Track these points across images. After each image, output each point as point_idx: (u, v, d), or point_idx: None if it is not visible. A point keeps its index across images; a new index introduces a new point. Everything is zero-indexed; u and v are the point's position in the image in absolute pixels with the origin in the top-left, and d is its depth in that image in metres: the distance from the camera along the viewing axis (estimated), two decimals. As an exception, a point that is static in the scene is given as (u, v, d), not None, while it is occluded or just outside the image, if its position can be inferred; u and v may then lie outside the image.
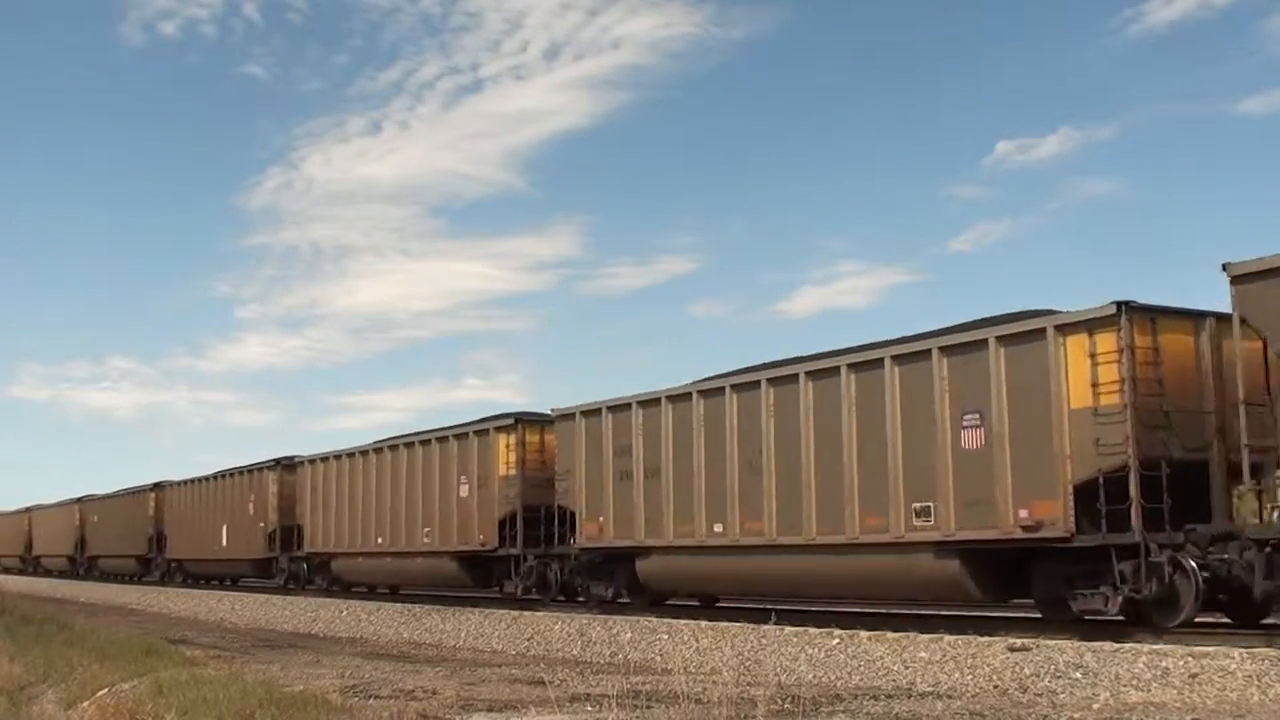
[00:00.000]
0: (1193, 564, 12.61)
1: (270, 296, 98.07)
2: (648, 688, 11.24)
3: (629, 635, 16.59)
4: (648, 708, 9.72)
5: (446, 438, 25.03)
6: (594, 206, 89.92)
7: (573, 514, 21.16)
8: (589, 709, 10.04)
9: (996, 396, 14.17)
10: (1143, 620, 13.27)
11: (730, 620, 16.82)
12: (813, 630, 14.78)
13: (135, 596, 37.43)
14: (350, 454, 28.99)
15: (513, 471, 22.79)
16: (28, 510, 59.62)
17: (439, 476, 25.14)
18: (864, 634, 14.08)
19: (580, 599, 21.51)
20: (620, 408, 20.12)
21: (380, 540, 27.10)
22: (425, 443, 25.84)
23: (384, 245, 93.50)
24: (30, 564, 58.30)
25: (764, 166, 79.56)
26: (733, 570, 18.41)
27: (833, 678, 12.70)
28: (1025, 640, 12.51)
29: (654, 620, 17.44)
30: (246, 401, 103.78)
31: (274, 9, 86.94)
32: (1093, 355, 13.28)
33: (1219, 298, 12.50)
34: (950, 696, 10.86)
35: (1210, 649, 11.05)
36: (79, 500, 50.63)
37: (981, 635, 13.32)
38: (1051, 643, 12.20)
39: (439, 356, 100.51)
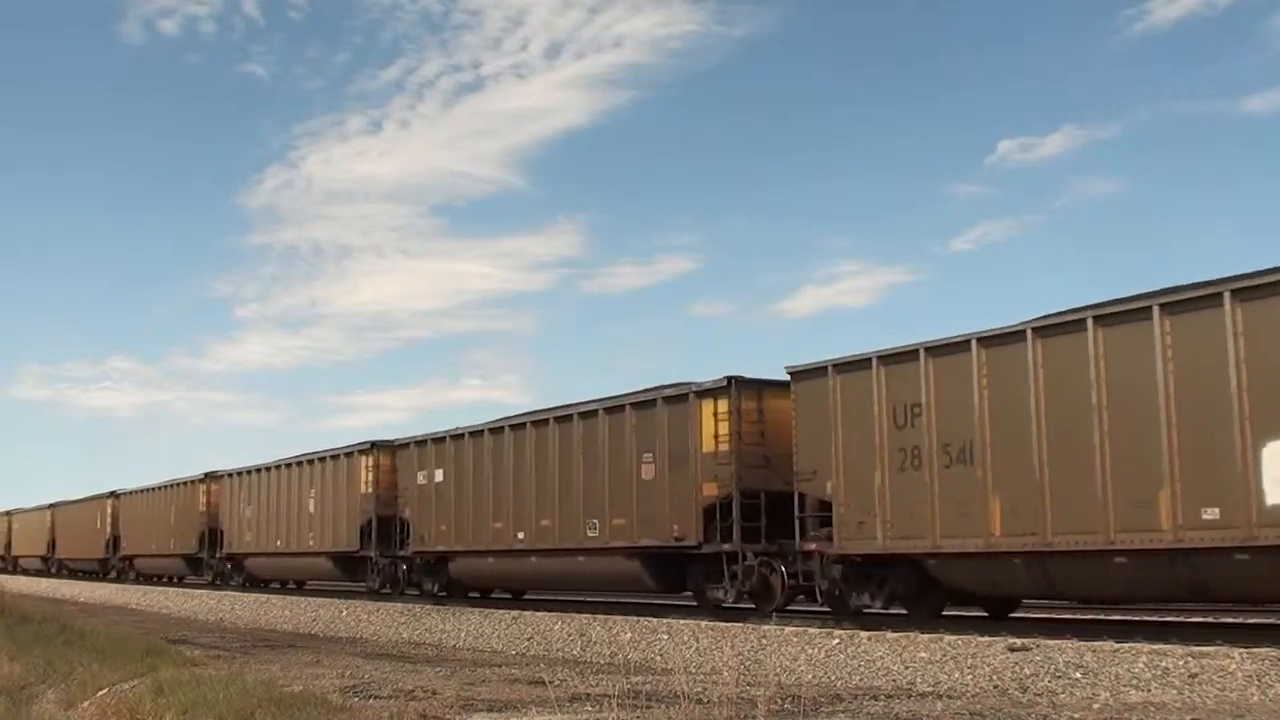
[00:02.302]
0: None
1: (270, 296, 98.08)
2: (648, 688, 11.24)
3: (629, 635, 16.60)
4: (648, 708, 9.72)
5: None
6: (594, 206, 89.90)
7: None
8: (589, 709, 10.04)
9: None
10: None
11: (730, 621, 16.85)
12: (813, 630, 14.80)
13: (135, 596, 37.44)
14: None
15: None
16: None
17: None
18: (864, 634, 14.09)
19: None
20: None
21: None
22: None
23: (384, 245, 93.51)
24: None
25: (765, 166, 79.56)
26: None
27: (833, 678, 12.70)
28: (1025, 640, 12.52)
29: (654, 620, 17.44)
30: (246, 401, 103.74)
31: (274, 7, 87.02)
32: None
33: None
34: (950, 696, 10.85)
35: (1210, 649, 11.05)
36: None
37: (981, 635, 13.33)
38: (1051, 643, 12.20)
39: (439, 356, 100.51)
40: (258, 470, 33.95)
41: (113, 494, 45.70)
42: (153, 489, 41.88)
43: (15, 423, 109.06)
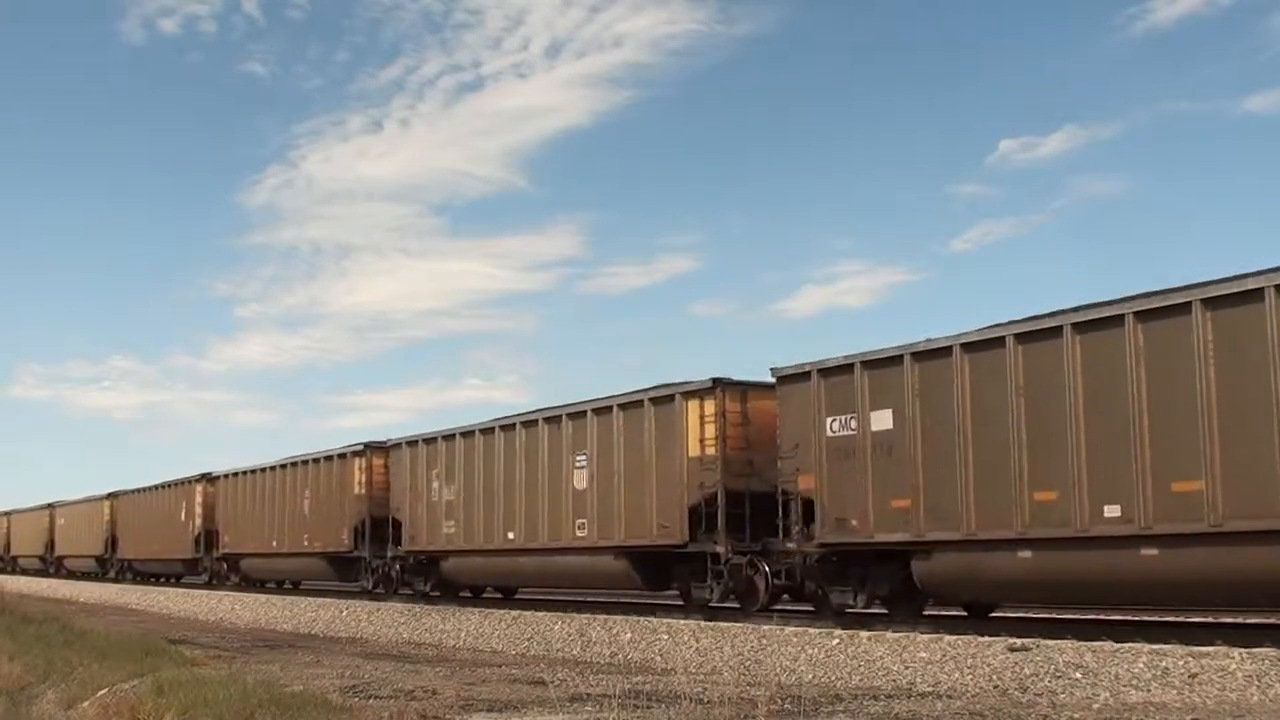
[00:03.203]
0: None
1: (270, 296, 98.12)
2: (648, 688, 11.26)
3: (629, 635, 16.60)
4: (648, 708, 9.72)
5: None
6: (595, 205, 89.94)
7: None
8: (589, 709, 10.04)
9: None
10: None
11: (730, 621, 16.86)
12: (813, 630, 14.81)
13: (135, 596, 37.44)
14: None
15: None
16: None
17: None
18: (864, 634, 14.10)
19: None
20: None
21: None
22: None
23: (384, 244, 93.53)
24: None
25: (766, 165, 79.62)
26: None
27: (833, 678, 12.70)
28: (1025, 640, 12.52)
29: (654, 620, 17.45)
30: (246, 401, 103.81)
31: (274, 6, 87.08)
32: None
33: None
34: (950, 696, 10.86)
35: (1210, 649, 11.06)
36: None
37: (981, 635, 13.34)
38: (1051, 643, 12.21)
39: (439, 356, 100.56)
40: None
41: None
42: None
43: (15, 423, 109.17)
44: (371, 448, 28.04)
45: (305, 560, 31.02)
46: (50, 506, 54.57)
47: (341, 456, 28.88)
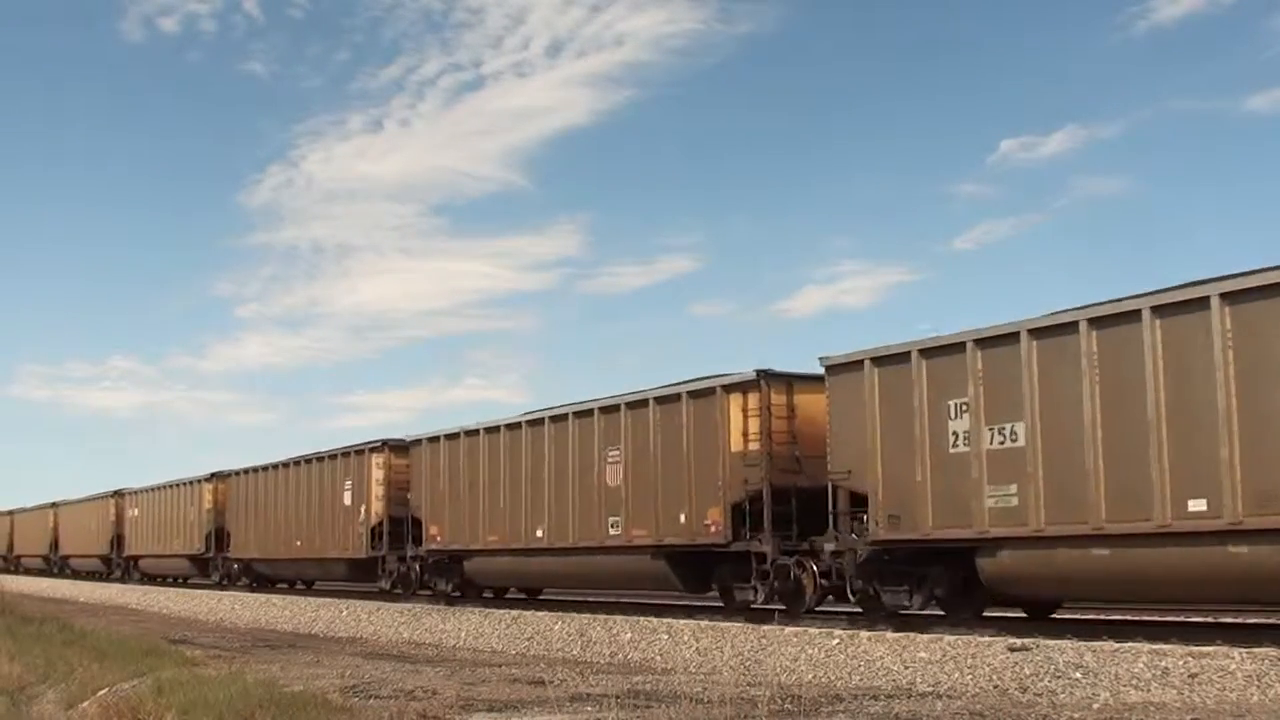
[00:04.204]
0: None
1: (270, 296, 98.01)
2: (648, 688, 11.26)
3: (629, 635, 16.61)
4: (648, 707, 9.72)
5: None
6: (595, 205, 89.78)
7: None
8: (589, 709, 10.04)
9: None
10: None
11: (730, 621, 16.86)
12: (813, 630, 14.80)
13: (136, 596, 37.44)
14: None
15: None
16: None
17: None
18: (864, 634, 14.09)
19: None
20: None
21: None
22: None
23: (384, 244, 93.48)
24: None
25: (766, 165, 79.57)
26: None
27: (833, 678, 12.70)
28: (1025, 640, 12.52)
29: (654, 620, 17.44)
30: (246, 401, 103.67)
31: (275, 5, 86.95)
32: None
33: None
34: (950, 696, 10.85)
35: (1210, 649, 11.06)
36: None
37: (981, 635, 13.34)
38: (1051, 643, 12.20)
39: (439, 356, 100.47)
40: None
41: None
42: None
43: (15, 423, 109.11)
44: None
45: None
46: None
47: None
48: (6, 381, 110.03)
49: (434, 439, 25.58)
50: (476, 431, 24.08)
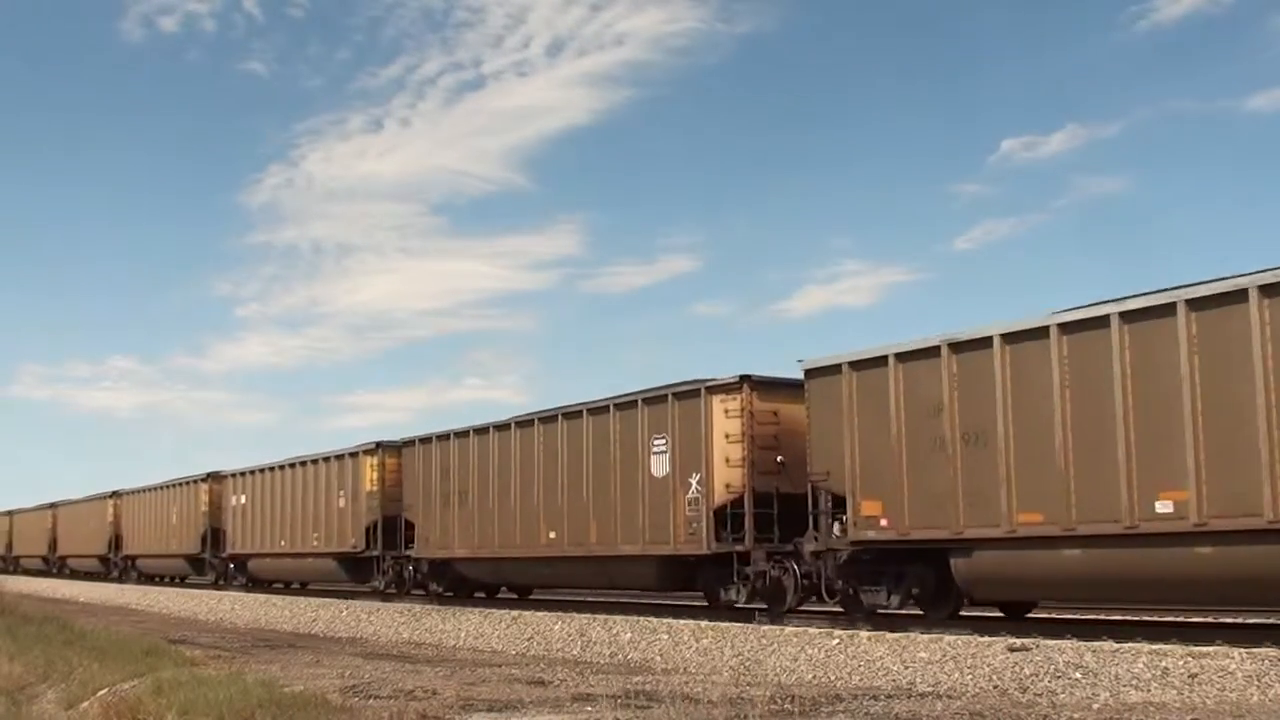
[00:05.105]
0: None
1: (270, 296, 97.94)
2: (648, 688, 11.25)
3: (629, 635, 16.61)
4: (648, 707, 9.72)
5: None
6: (596, 204, 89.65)
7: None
8: (589, 709, 10.03)
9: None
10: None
11: (730, 621, 16.86)
12: (813, 630, 14.81)
13: (135, 596, 37.45)
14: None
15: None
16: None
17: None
18: (864, 634, 14.10)
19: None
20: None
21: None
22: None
23: (385, 244, 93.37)
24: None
25: (767, 165, 79.47)
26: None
27: (833, 678, 12.70)
28: (1025, 640, 12.52)
29: (654, 620, 17.46)
30: (247, 401, 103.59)
31: (275, 5, 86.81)
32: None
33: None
34: (950, 696, 10.85)
35: (1210, 649, 11.07)
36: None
37: (981, 635, 13.34)
38: (1051, 643, 12.21)
39: (439, 356, 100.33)
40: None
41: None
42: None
43: (15, 423, 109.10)
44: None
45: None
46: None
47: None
48: (6, 381, 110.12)
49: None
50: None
